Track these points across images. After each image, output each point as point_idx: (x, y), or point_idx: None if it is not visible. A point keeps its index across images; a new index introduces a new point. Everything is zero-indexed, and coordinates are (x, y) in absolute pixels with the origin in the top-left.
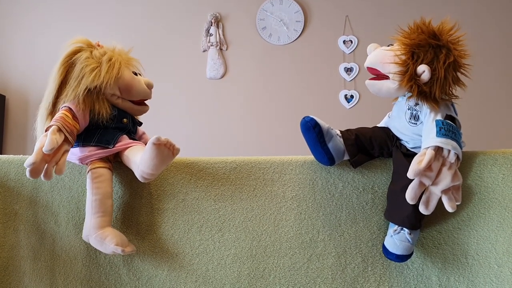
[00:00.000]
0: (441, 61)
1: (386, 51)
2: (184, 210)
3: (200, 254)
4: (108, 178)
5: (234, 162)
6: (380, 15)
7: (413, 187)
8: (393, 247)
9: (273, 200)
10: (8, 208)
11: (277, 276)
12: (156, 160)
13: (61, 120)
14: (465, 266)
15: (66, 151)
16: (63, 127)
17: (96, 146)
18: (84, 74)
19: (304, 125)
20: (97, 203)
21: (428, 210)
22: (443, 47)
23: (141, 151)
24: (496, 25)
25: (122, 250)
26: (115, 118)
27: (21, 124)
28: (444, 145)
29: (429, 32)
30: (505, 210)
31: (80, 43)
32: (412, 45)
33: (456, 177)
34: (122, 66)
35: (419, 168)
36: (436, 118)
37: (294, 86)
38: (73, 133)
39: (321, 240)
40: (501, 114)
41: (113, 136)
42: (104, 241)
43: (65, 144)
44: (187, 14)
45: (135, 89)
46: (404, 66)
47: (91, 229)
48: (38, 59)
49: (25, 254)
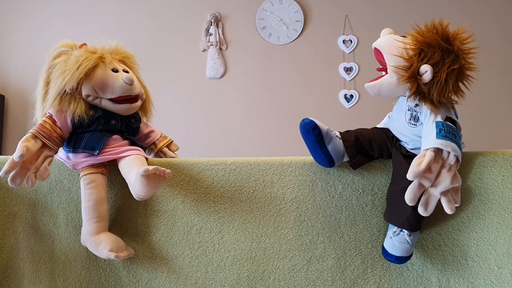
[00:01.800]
0: (446, 65)
1: (397, 41)
2: (184, 212)
3: (200, 256)
4: (100, 184)
5: (234, 163)
6: (380, 14)
7: (412, 189)
8: (392, 249)
9: (273, 202)
10: (7, 210)
11: (277, 278)
12: (148, 187)
13: (38, 127)
14: (465, 268)
15: (48, 156)
16: (38, 134)
17: (83, 153)
18: (56, 77)
19: (303, 127)
20: (91, 209)
21: (427, 212)
22: (452, 52)
23: (136, 166)
24: (497, 24)
25: (115, 256)
26: (100, 120)
27: (20, 124)
28: (444, 147)
29: (443, 34)
30: (505, 211)
31: (63, 47)
32: (422, 43)
33: (455, 179)
34: (98, 65)
35: (419, 169)
36: (436, 119)
37: (294, 86)
38: (51, 138)
39: (321, 242)
40: (501, 115)
41: (99, 140)
42: (99, 247)
43: (45, 150)
44: (187, 14)
45: (109, 85)
46: (409, 62)
47: (86, 235)
48: (37, 59)
49: (25, 256)
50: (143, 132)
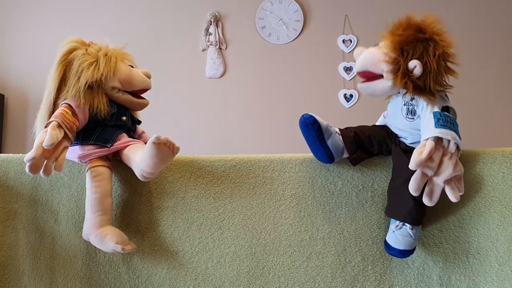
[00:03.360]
0: (431, 54)
1: (375, 51)
2: (184, 208)
3: (200, 252)
4: (107, 177)
5: (234, 160)
6: (380, 14)
7: (415, 179)
8: (395, 242)
9: (273, 198)
10: (8, 207)
11: (277, 274)
12: (156, 159)
13: (61, 116)
14: (466, 265)
15: (66, 147)
16: (62, 123)
17: (94, 145)
18: (82, 69)
19: (303, 122)
20: (97, 202)
21: (432, 202)
22: (430, 40)
23: (141, 149)
24: (495, 23)
25: (122, 248)
26: (114, 116)
27: (20, 123)
28: (444, 135)
29: (415, 26)
30: (506, 208)
31: (75, 42)
32: (400, 42)
33: (457, 167)
34: (118, 60)
35: (421, 158)
36: (433, 110)
37: (293, 86)
38: (72, 130)
39: (321, 238)
40: (501, 113)
41: (111, 134)
42: (104, 239)
43: (65, 141)
44: (186, 13)
45: (135, 79)
46: (395, 64)
47: (91, 228)
48: (37, 58)
49: (25, 253)
50: (138, 133)
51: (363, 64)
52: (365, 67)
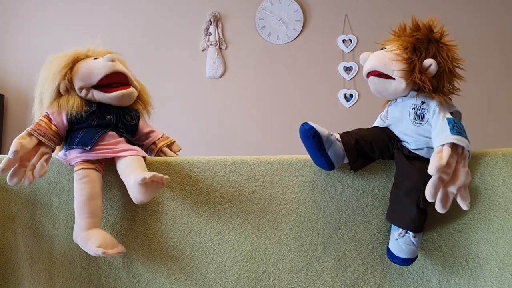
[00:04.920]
0: (444, 55)
1: (384, 52)
2: (183, 212)
3: (200, 257)
4: (93, 179)
5: (234, 163)
6: (379, 14)
7: (433, 184)
8: (399, 251)
9: (273, 202)
10: (6, 210)
11: (277, 279)
12: (146, 194)
13: (34, 125)
14: (465, 269)
15: (45, 153)
16: (33, 131)
17: (77, 149)
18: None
19: (303, 133)
20: (82, 205)
21: (445, 208)
22: (439, 41)
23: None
24: (496, 24)
25: (103, 252)
26: (96, 115)
27: (20, 123)
28: (459, 142)
29: (425, 28)
30: (506, 212)
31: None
32: (412, 42)
33: (469, 174)
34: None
35: (441, 163)
36: (446, 116)
37: (293, 85)
38: (47, 135)
39: (321, 243)
40: (501, 114)
41: (93, 136)
42: (87, 242)
43: (42, 147)
44: (186, 13)
45: (94, 68)
46: (409, 63)
47: (78, 230)
48: (37, 58)
49: (24, 257)
50: (143, 132)
51: (374, 65)
52: (375, 68)
